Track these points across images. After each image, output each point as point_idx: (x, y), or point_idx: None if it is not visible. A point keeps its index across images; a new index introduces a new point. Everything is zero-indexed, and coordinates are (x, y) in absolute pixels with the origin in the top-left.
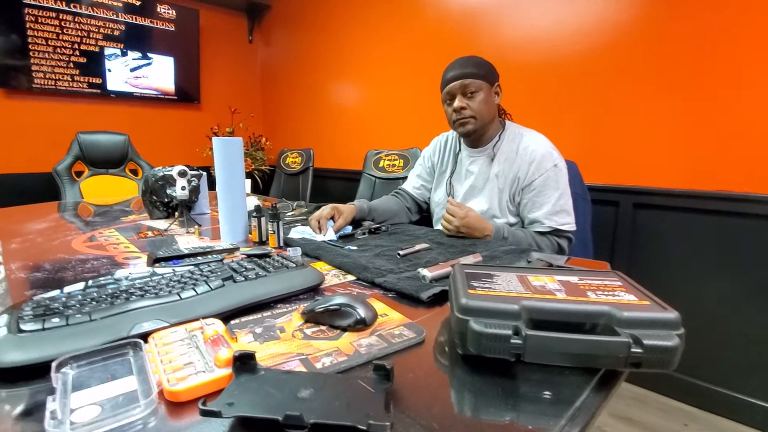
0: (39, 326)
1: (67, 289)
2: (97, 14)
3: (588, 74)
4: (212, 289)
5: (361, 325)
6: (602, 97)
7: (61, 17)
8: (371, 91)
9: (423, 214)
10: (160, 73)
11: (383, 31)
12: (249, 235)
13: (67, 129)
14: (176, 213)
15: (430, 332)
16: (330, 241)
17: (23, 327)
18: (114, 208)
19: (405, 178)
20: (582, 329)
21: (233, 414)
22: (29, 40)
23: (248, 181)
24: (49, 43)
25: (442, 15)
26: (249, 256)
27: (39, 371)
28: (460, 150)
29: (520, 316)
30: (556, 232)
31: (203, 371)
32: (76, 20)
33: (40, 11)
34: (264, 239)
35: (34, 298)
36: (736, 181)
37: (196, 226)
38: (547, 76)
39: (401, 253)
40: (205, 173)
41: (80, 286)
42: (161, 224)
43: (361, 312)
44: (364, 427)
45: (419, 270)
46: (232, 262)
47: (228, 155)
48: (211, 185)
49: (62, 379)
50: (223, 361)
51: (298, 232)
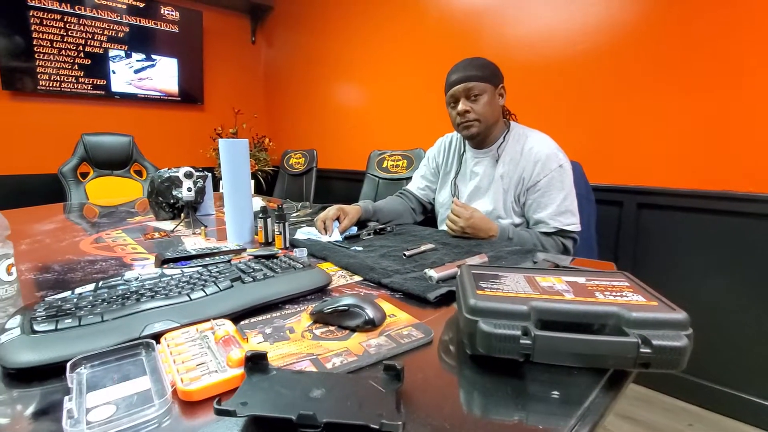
0: (52, 327)
1: (78, 290)
2: (101, 16)
3: (592, 74)
4: (221, 290)
5: (370, 325)
6: (606, 96)
7: (65, 19)
8: (374, 92)
9: (428, 215)
10: (163, 75)
11: (386, 31)
12: (255, 236)
13: (72, 130)
14: (182, 214)
15: (438, 332)
16: (336, 242)
17: (37, 328)
18: (119, 209)
19: (409, 178)
20: (590, 330)
21: (247, 413)
22: (34, 43)
23: (252, 182)
24: (54, 45)
25: (446, 15)
26: (256, 257)
27: (53, 371)
28: (464, 151)
29: (529, 316)
30: (561, 233)
31: (216, 371)
32: (81, 22)
33: (45, 13)
34: (270, 240)
35: (46, 299)
36: (741, 181)
37: (203, 227)
38: (551, 76)
39: (407, 253)
40: (210, 174)
41: (91, 287)
42: (167, 225)
43: (370, 312)
44: (376, 426)
45: (426, 271)
46: (240, 262)
47: (234, 157)
48: (216, 186)
49: (77, 379)
50: (235, 361)
51: (303, 233)
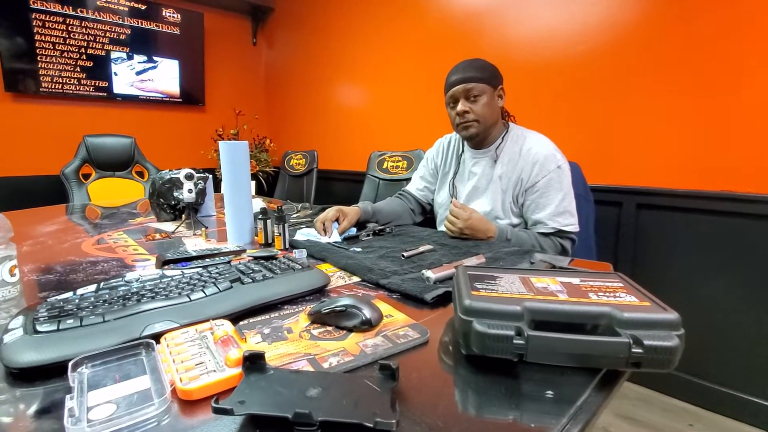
0: (54, 327)
1: (79, 291)
2: (103, 18)
3: (591, 74)
4: (221, 291)
5: (367, 325)
6: (605, 97)
7: (67, 22)
8: (375, 93)
9: (427, 216)
10: (165, 76)
11: (387, 32)
12: (255, 237)
13: (75, 132)
14: (183, 215)
15: (434, 333)
16: (335, 243)
17: (39, 328)
18: (121, 211)
19: (409, 179)
20: (583, 330)
21: (244, 412)
22: (37, 45)
23: (252, 182)
24: (56, 47)
25: (446, 16)
26: (256, 258)
27: (55, 371)
28: (463, 151)
29: (523, 317)
30: (560, 233)
31: (214, 371)
32: (83, 24)
33: (47, 16)
34: (270, 241)
35: (48, 299)
36: (740, 182)
37: (203, 228)
38: (551, 76)
39: (405, 254)
40: (210, 176)
41: (92, 288)
42: (168, 226)
43: (367, 313)
44: (371, 425)
45: (423, 271)
46: (240, 263)
47: (234, 159)
48: (217, 188)
49: (78, 379)
50: (233, 360)
51: (303, 234)
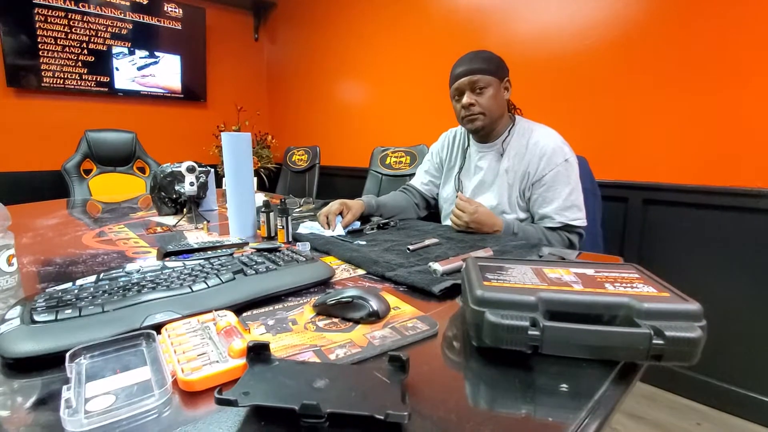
0: (52, 317)
1: (79, 282)
2: (105, 13)
3: (598, 69)
4: (223, 282)
5: (374, 317)
6: (612, 92)
7: (69, 17)
8: (378, 88)
9: (431, 210)
10: (166, 72)
11: (390, 27)
12: (258, 231)
13: (76, 127)
14: (185, 209)
15: (443, 325)
16: (339, 236)
17: (36, 318)
18: (122, 205)
19: (412, 175)
20: (600, 321)
21: (249, 403)
22: (38, 40)
23: (255, 178)
24: (58, 42)
25: (450, 11)
26: (259, 250)
27: (52, 362)
28: (468, 145)
29: (537, 307)
30: (567, 228)
31: (217, 361)
32: (85, 19)
33: (50, 11)
34: (273, 234)
35: (47, 290)
36: (748, 177)
37: (205, 222)
38: (557, 71)
39: (411, 248)
40: (212, 169)
41: (92, 278)
42: (170, 220)
43: (374, 304)
44: (381, 417)
45: (430, 264)
46: (242, 256)
47: (237, 150)
48: (218, 183)
49: (76, 369)
50: (237, 351)
51: (306, 228)
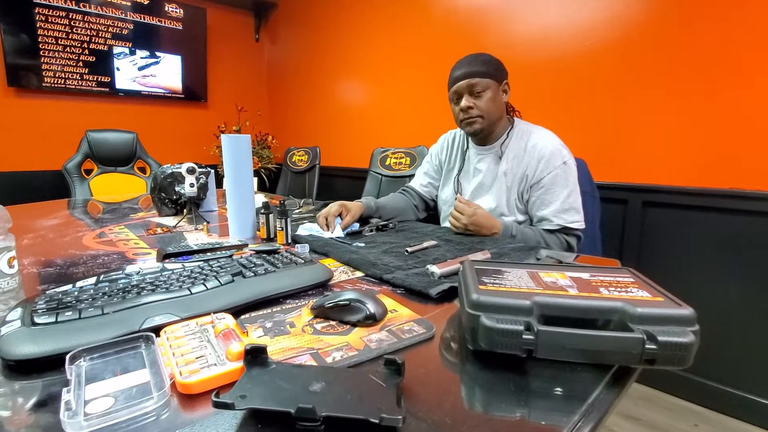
0: (52, 319)
1: (79, 284)
2: (106, 13)
3: (597, 71)
4: (222, 285)
5: (371, 320)
6: (612, 94)
7: (70, 17)
8: (378, 89)
9: (430, 212)
10: (167, 72)
11: (390, 28)
12: (257, 232)
13: (77, 127)
14: (185, 210)
15: (440, 328)
16: (338, 238)
17: (37, 320)
18: (123, 206)
19: (411, 176)
20: (594, 326)
21: (245, 406)
22: (39, 40)
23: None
24: (59, 42)
25: (450, 12)
26: (258, 252)
27: (52, 363)
28: (467, 147)
29: (532, 311)
30: (565, 230)
31: (215, 364)
32: (86, 19)
33: (50, 11)
34: (272, 236)
35: (47, 292)
36: (748, 179)
37: (205, 223)
38: (556, 73)
39: (409, 250)
40: (212, 170)
41: (92, 280)
42: (170, 221)
43: (371, 307)
44: (376, 421)
45: (428, 266)
46: (241, 258)
47: (236, 152)
48: (219, 183)
49: (76, 372)
50: (234, 354)
51: (305, 230)
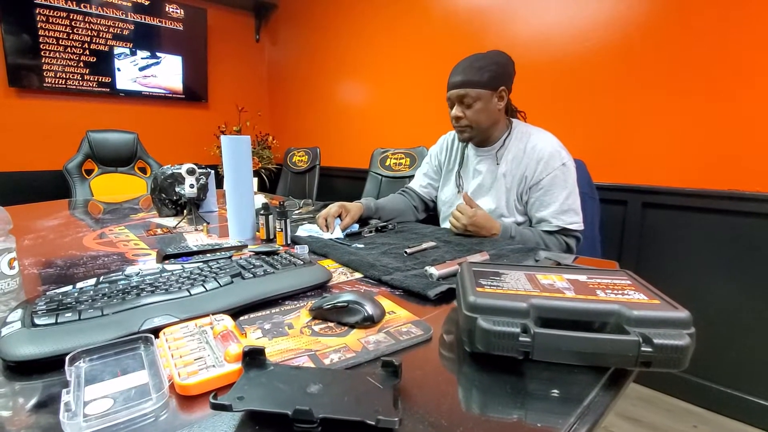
0: (52, 320)
1: (79, 285)
2: (107, 14)
3: (597, 72)
4: (221, 286)
5: (369, 322)
6: (612, 95)
7: (71, 17)
8: (378, 90)
9: (430, 213)
10: (168, 72)
11: (390, 29)
12: (257, 233)
13: (78, 127)
14: (185, 211)
15: (438, 330)
16: (337, 239)
17: (37, 321)
18: (123, 206)
19: (411, 176)
20: (591, 328)
21: (243, 408)
22: (40, 40)
23: (255, 179)
24: (60, 42)
25: (450, 13)
26: (257, 253)
27: (52, 365)
28: (466, 146)
29: (529, 314)
30: (564, 231)
31: (213, 366)
32: (86, 20)
33: (51, 11)
34: (272, 237)
35: (47, 293)
36: (747, 180)
37: (205, 224)
38: (556, 73)
39: (408, 251)
40: (212, 171)
41: (92, 281)
42: (170, 222)
43: (369, 309)
44: (372, 423)
45: (426, 268)
46: (241, 259)
47: (236, 153)
48: (219, 183)
49: (75, 373)
50: (232, 356)
51: (305, 230)
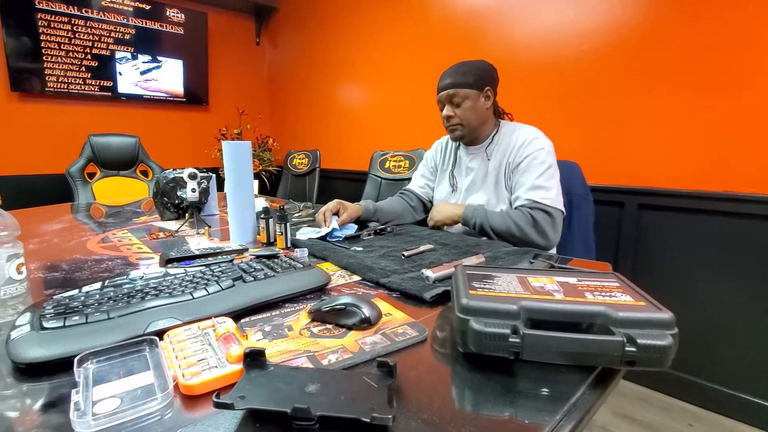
0: (60, 324)
1: (85, 289)
2: (108, 18)
3: (593, 74)
4: (223, 289)
5: (366, 323)
6: (607, 97)
7: (73, 22)
8: (377, 93)
9: (428, 214)
10: (169, 76)
11: (389, 32)
12: (257, 236)
13: (80, 131)
14: (187, 214)
15: (433, 331)
16: (336, 242)
17: (46, 324)
18: (126, 209)
19: (411, 179)
20: (579, 329)
21: (244, 407)
22: (42, 45)
23: (256, 182)
24: (62, 47)
25: (448, 16)
26: (258, 256)
27: (60, 367)
28: (459, 146)
29: (519, 315)
30: (532, 205)
31: (216, 367)
32: (88, 25)
33: (53, 16)
34: (272, 240)
35: (54, 297)
36: (743, 182)
37: (206, 227)
38: (553, 76)
39: (406, 254)
40: (213, 175)
41: (97, 285)
42: (172, 225)
43: (366, 311)
44: (367, 420)
45: (423, 271)
46: (242, 262)
47: (237, 158)
48: (220, 187)
49: (84, 374)
50: (234, 357)
51: (304, 234)
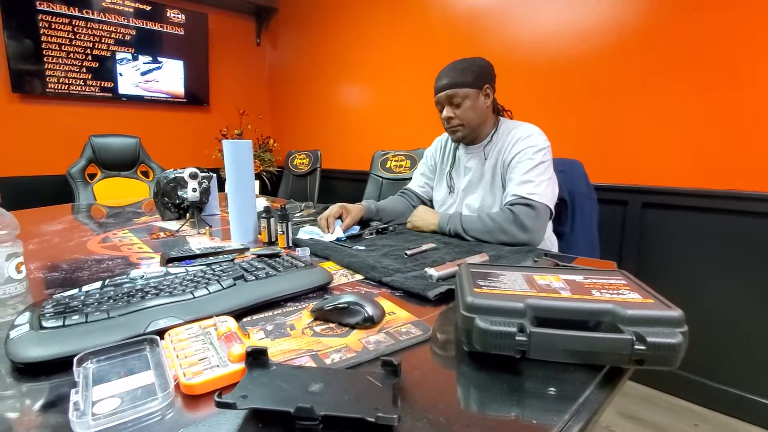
0: (60, 323)
1: (85, 288)
2: (109, 20)
3: (596, 73)
4: (224, 288)
5: (369, 322)
6: (610, 96)
7: (73, 23)
8: (378, 92)
9: None
10: (170, 77)
11: (390, 32)
12: (258, 236)
13: (80, 132)
14: (187, 214)
15: (437, 330)
16: (338, 240)
17: (45, 324)
18: (126, 210)
19: (411, 178)
20: (586, 327)
21: (247, 406)
22: (43, 46)
23: (256, 182)
24: (63, 48)
25: (448, 16)
26: (259, 256)
27: (60, 366)
28: (457, 146)
29: (525, 314)
30: (515, 202)
31: (217, 366)
32: (89, 26)
33: (54, 17)
34: (273, 240)
35: (54, 296)
36: (746, 180)
37: (207, 227)
38: (555, 74)
39: (408, 252)
40: (214, 175)
41: (98, 285)
42: (173, 225)
43: (369, 310)
44: (372, 420)
45: (426, 269)
46: (243, 261)
47: (238, 158)
48: (221, 187)
49: (83, 374)
50: (236, 356)
51: (306, 233)
